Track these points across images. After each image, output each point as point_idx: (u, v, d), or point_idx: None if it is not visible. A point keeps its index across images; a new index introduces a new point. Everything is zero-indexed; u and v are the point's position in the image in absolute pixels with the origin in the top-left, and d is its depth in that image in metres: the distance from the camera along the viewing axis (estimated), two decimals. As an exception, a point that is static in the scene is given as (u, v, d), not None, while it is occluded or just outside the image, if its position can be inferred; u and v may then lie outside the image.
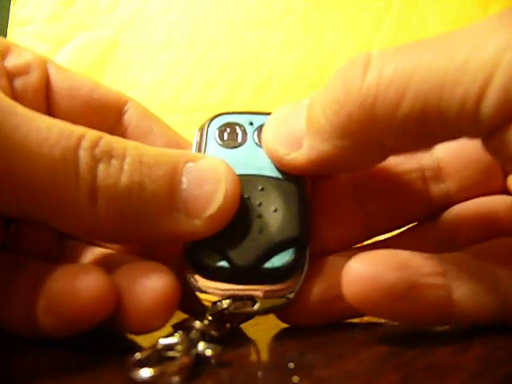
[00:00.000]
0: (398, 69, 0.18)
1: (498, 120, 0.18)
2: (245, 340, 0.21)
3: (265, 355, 0.19)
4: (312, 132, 0.21)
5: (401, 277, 0.20)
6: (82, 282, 0.19)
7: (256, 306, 0.21)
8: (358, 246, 0.26)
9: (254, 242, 0.21)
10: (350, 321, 0.23)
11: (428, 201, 0.26)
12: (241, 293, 0.21)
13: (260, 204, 0.22)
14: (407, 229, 0.26)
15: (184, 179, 0.20)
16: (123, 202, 0.19)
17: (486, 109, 0.17)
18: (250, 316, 0.22)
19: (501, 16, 0.18)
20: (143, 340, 0.21)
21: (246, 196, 0.22)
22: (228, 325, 0.21)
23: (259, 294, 0.21)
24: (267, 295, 0.21)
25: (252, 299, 0.21)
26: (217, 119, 0.25)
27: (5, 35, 0.54)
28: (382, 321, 0.26)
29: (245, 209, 0.22)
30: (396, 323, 0.24)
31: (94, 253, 0.25)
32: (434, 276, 0.21)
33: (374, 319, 0.23)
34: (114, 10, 0.54)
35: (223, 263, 0.21)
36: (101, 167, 0.19)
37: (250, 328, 0.23)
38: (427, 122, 0.18)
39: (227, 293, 0.21)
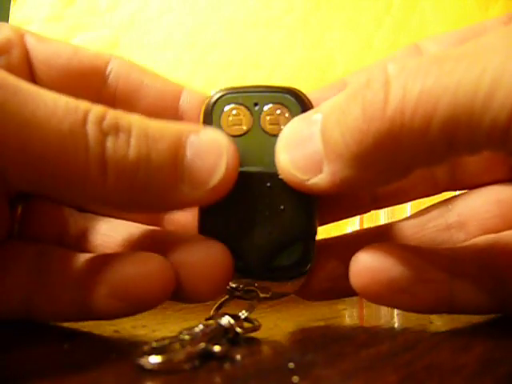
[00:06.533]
0: (423, 92, 0.18)
1: None
2: (245, 340, 0.21)
3: (265, 355, 0.19)
4: (332, 158, 0.20)
5: (404, 272, 0.22)
6: (147, 270, 0.21)
7: (268, 294, 0.23)
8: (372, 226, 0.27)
9: (264, 242, 0.23)
10: (349, 321, 0.23)
11: (432, 182, 0.27)
12: (253, 287, 0.23)
13: (268, 202, 0.23)
14: (418, 211, 0.27)
15: (188, 152, 0.20)
16: (132, 173, 0.19)
17: None
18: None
19: None
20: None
21: (255, 193, 0.23)
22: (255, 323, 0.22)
23: (271, 287, 0.23)
24: (278, 287, 0.23)
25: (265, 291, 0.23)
26: (221, 100, 0.24)
27: (5, 35, 0.54)
28: (382, 321, 0.26)
29: (254, 208, 0.23)
30: (395, 324, 0.24)
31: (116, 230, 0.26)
32: (437, 272, 0.22)
33: (374, 320, 0.23)
34: (114, 10, 0.54)
35: (237, 262, 0.22)
36: (109, 140, 0.19)
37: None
38: (456, 143, 0.18)
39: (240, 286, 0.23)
